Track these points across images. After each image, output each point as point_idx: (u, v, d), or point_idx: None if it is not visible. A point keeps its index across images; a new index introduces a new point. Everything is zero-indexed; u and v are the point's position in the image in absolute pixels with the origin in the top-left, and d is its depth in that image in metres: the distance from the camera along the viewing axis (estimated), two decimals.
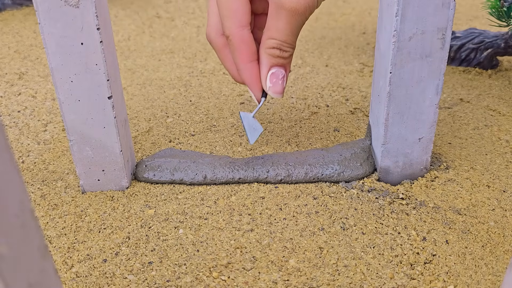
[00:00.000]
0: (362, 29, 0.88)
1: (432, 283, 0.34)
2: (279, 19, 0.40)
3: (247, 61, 0.43)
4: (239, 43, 0.42)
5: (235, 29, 0.41)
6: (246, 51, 0.42)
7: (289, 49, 0.42)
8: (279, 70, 0.43)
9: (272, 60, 0.42)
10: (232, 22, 0.41)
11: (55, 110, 0.59)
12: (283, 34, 0.41)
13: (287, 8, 0.39)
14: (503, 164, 0.47)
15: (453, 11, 0.37)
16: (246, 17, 0.41)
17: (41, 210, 0.42)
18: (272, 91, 0.43)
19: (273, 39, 0.41)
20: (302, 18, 0.40)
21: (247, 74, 0.43)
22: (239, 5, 0.41)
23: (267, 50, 0.42)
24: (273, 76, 0.43)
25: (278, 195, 0.43)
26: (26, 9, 0.97)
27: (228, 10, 0.41)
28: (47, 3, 0.35)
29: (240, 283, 0.35)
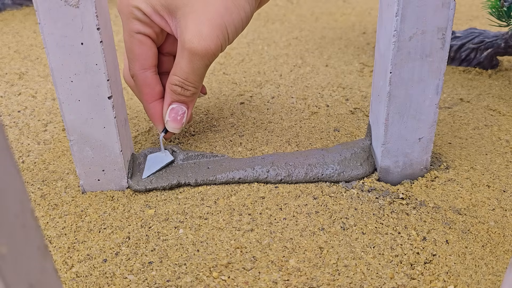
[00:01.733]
0: (362, 29, 0.88)
1: (432, 283, 0.34)
2: (182, 58, 0.42)
3: (149, 101, 0.45)
4: (141, 84, 0.45)
5: (138, 71, 0.44)
6: (148, 91, 0.45)
7: (191, 88, 0.44)
8: (180, 106, 0.45)
9: (173, 96, 0.45)
10: (135, 65, 0.44)
11: (55, 110, 0.59)
12: (184, 72, 0.43)
13: (188, 49, 0.41)
14: (503, 164, 0.47)
15: (453, 11, 0.37)
16: (149, 61, 0.44)
17: (41, 210, 0.42)
18: (169, 125, 0.46)
19: (176, 76, 0.43)
20: (204, 60, 0.42)
21: (150, 112, 0.46)
22: (143, 50, 0.43)
23: (170, 86, 0.44)
24: (172, 112, 0.45)
25: (278, 195, 0.43)
26: (26, 9, 0.97)
27: (132, 54, 0.44)
28: (47, 3, 0.35)
29: (240, 283, 0.35)
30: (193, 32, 0.40)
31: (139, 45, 0.43)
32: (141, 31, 0.43)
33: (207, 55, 0.41)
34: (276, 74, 0.68)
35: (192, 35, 0.40)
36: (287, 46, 0.80)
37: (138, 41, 0.43)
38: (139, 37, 0.43)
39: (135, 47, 0.43)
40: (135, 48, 0.43)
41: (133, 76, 0.44)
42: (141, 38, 0.43)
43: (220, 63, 0.72)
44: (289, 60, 0.74)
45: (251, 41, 0.82)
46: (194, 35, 0.40)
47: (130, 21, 0.42)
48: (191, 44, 0.41)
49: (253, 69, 0.70)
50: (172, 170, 0.45)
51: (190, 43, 0.41)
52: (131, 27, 0.43)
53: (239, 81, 0.66)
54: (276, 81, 0.66)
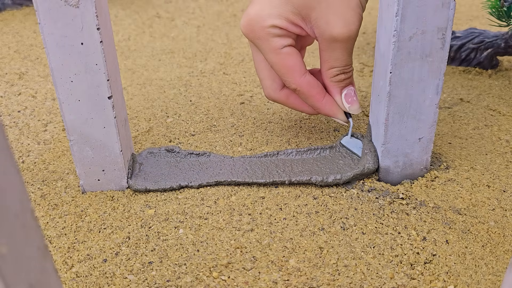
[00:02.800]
0: (362, 29, 0.88)
1: (432, 283, 0.34)
2: (335, 51, 0.44)
3: (321, 99, 0.47)
4: (308, 89, 0.46)
5: (299, 80, 0.45)
6: (317, 91, 0.46)
7: (350, 68, 0.46)
8: (349, 89, 0.47)
9: (340, 84, 0.47)
10: (294, 76, 0.45)
11: (55, 110, 0.59)
12: (343, 61, 0.45)
13: (341, 40, 0.43)
14: (503, 164, 0.47)
15: (453, 11, 0.37)
16: (303, 66, 0.46)
17: (41, 210, 0.42)
18: (352, 109, 0.47)
19: (335, 68, 0.45)
20: (355, 40, 0.44)
21: (327, 108, 0.47)
22: (294, 60, 0.45)
23: (333, 79, 0.46)
24: (347, 97, 0.47)
25: (278, 195, 0.43)
26: (26, 9, 0.98)
27: (286, 68, 0.45)
28: (47, 3, 0.35)
29: (240, 283, 0.35)
30: (339, 23, 0.42)
31: (289, 57, 0.45)
32: (285, 44, 0.44)
33: (357, 34, 0.44)
34: None
35: (340, 27, 0.42)
36: None
37: (287, 55, 0.44)
38: (286, 51, 0.44)
39: (287, 61, 0.45)
40: (287, 62, 0.45)
41: (296, 87, 0.45)
42: (288, 51, 0.44)
43: (220, 63, 0.72)
44: None
45: None
46: (342, 26, 0.42)
47: (271, 41, 0.44)
48: (344, 35, 0.43)
49: (253, 69, 0.70)
50: (174, 172, 0.45)
51: (342, 34, 0.43)
52: (274, 46, 0.44)
53: (239, 81, 0.66)
54: None
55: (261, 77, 0.49)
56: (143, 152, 0.47)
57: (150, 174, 0.44)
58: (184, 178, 0.44)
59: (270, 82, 0.48)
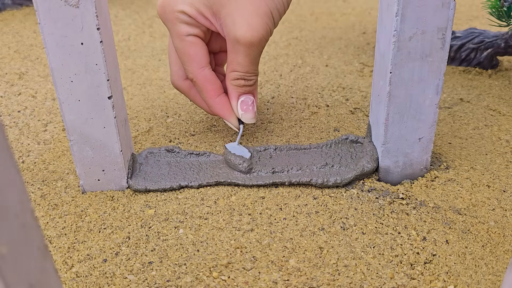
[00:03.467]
0: (362, 29, 0.88)
1: (432, 283, 0.34)
2: (238, 54, 0.44)
3: (214, 97, 0.46)
4: (203, 82, 0.45)
5: (196, 71, 0.45)
6: (212, 88, 0.46)
7: (252, 77, 0.46)
8: (247, 97, 0.47)
9: (239, 90, 0.46)
10: (192, 66, 0.45)
11: (55, 110, 0.59)
12: (244, 66, 0.44)
13: (243, 43, 0.43)
14: (503, 164, 0.47)
15: (453, 11, 0.37)
16: (204, 59, 0.45)
17: (41, 210, 0.42)
18: (245, 117, 0.47)
19: (236, 71, 0.45)
20: (259, 49, 0.44)
21: (219, 107, 0.47)
22: (196, 50, 0.45)
23: (233, 82, 0.46)
24: (243, 104, 0.46)
25: (278, 195, 0.43)
26: (26, 9, 0.98)
27: (187, 56, 0.45)
28: (47, 3, 0.35)
29: (240, 283, 0.35)
30: (243, 26, 0.42)
31: (192, 46, 0.44)
32: (190, 33, 0.44)
33: (261, 43, 0.43)
34: (276, 74, 0.68)
35: (244, 30, 0.42)
36: (287, 46, 0.80)
37: (190, 43, 0.44)
38: (190, 39, 0.44)
39: (189, 49, 0.44)
40: (189, 50, 0.45)
41: (193, 77, 0.45)
42: (192, 39, 0.44)
43: None
44: (289, 60, 0.74)
45: None
46: (246, 30, 0.42)
47: (178, 26, 0.44)
48: (246, 38, 0.42)
49: None
50: (174, 172, 0.45)
51: (244, 37, 0.42)
52: (180, 31, 0.44)
53: None
54: (276, 81, 0.66)
55: (169, 62, 0.49)
56: (143, 152, 0.47)
57: (150, 174, 0.44)
58: (184, 178, 0.44)
59: (176, 68, 0.48)
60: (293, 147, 0.48)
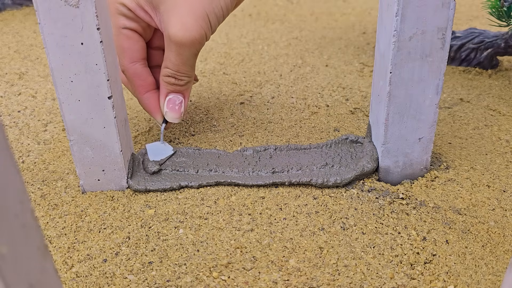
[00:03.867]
0: (362, 29, 0.88)
1: (432, 283, 0.34)
2: (171, 52, 0.44)
3: (142, 92, 0.46)
4: (132, 77, 0.46)
5: (127, 65, 0.45)
6: (140, 83, 0.46)
7: (184, 77, 0.45)
8: (176, 96, 0.46)
9: (168, 87, 0.46)
10: (124, 59, 0.45)
11: (55, 110, 0.59)
12: (175, 64, 0.44)
13: (174, 42, 0.43)
14: (503, 164, 0.47)
15: (453, 11, 0.37)
16: (137, 54, 0.45)
17: (41, 210, 0.42)
18: (168, 116, 0.46)
19: (168, 68, 0.45)
20: (191, 50, 0.43)
21: (145, 103, 0.47)
22: (130, 44, 0.45)
23: (163, 78, 0.46)
24: (169, 102, 0.46)
25: (278, 195, 0.43)
26: (26, 9, 0.98)
27: (120, 49, 0.45)
28: (47, 3, 0.35)
29: (240, 283, 0.35)
30: (177, 25, 0.42)
31: (126, 39, 0.45)
32: (127, 26, 0.44)
33: (194, 45, 0.43)
34: (276, 74, 0.68)
35: (177, 28, 0.42)
36: (287, 46, 0.80)
37: (125, 36, 0.45)
38: (125, 32, 0.45)
39: (123, 42, 0.45)
40: (123, 43, 0.45)
41: (124, 70, 0.46)
42: (127, 33, 0.45)
43: (220, 63, 0.72)
44: (289, 60, 0.74)
45: (251, 41, 0.82)
46: (178, 28, 0.42)
47: (116, 17, 0.44)
48: (177, 37, 0.42)
49: (253, 69, 0.70)
50: (174, 172, 0.45)
51: (176, 36, 0.42)
52: (117, 23, 0.44)
53: (239, 81, 0.66)
54: (276, 81, 0.66)
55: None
56: (142, 151, 0.47)
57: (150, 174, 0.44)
58: (184, 178, 0.44)
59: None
60: (293, 147, 0.48)
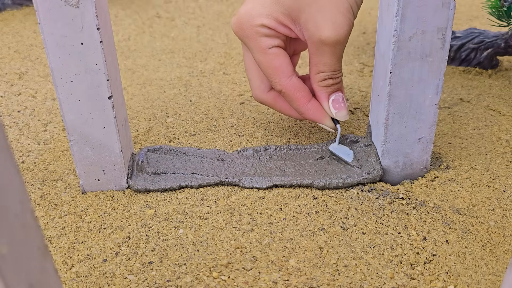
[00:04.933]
0: (362, 29, 0.88)
1: (432, 283, 0.34)
2: (323, 55, 0.43)
3: (306, 103, 0.46)
4: (293, 92, 0.45)
5: (284, 82, 0.45)
6: (302, 95, 0.45)
7: (339, 74, 0.45)
8: (337, 95, 0.46)
9: (328, 89, 0.45)
10: (280, 78, 0.45)
11: (55, 110, 0.59)
12: (331, 65, 0.44)
13: (329, 43, 0.43)
14: (503, 164, 0.47)
15: (453, 11, 0.37)
16: (290, 68, 0.45)
17: (41, 210, 0.42)
18: (339, 115, 0.46)
19: (324, 72, 0.44)
20: (344, 45, 0.44)
21: (312, 112, 0.46)
22: (281, 61, 0.44)
23: (321, 83, 0.45)
24: (334, 103, 0.46)
25: (278, 195, 0.43)
26: (26, 9, 0.98)
27: (272, 69, 0.45)
28: (47, 3, 0.35)
29: (240, 283, 0.35)
30: (328, 26, 0.42)
31: (276, 58, 0.44)
32: (272, 45, 0.44)
33: (346, 39, 0.43)
34: None
35: (329, 30, 0.42)
36: None
37: (274, 55, 0.44)
38: (273, 51, 0.44)
39: (274, 61, 0.44)
40: (274, 63, 0.44)
41: (281, 89, 0.45)
42: (275, 51, 0.44)
43: (220, 63, 0.72)
44: None
45: None
46: (331, 30, 0.42)
47: (259, 40, 0.44)
48: (331, 38, 0.42)
49: None
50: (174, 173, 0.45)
51: (330, 37, 0.42)
52: (262, 45, 0.44)
53: (239, 81, 0.66)
54: None
55: (250, 77, 0.49)
56: (142, 150, 0.47)
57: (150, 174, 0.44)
58: (184, 178, 0.44)
59: (258, 82, 0.48)
60: (293, 147, 0.48)
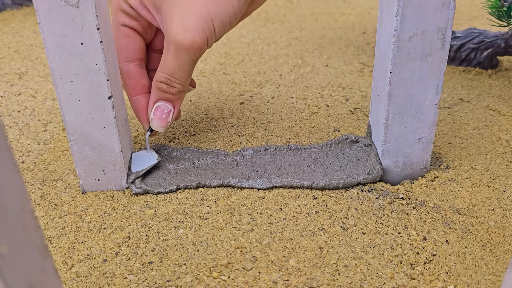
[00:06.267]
0: (362, 29, 0.88)
1: (432, 283, 0.34)
2: (168, 53, 0.41)
3: (133, 94, 0.45)
4: (125, 76, 0.44)
5: (122, 64, 0.44)
6: (132, 84, 0.45)
7: (177, 84, 0.43)
8: (165, 104, 0.44)
9: (159, 94, 0.44)
10: (120, 57, 0.44)
11: (55, 110, 0.59)
12: (170, 68, 0.42)
13: (172, 42, 0.40)
14: (503, 164, 0.47)
15: (453, 11, 0.37)
16: (133, 53, 0.44)
17: (41, 210, 0.42)
18: (154, 124, 0.45)
19: (162, 72, 0.42)
20: (190, 55, 0.41)
21: (134, 106, 0.46)
22: (127, 42, 0.44)
23: (156, 83, 0.43)
24: (157, 110, 0.44)
25: (278, 195, 0.43)
26: (26, 9, 0.97)
27: (117, 48, 0.44)
28: (47, 3, 0.35)
29: (240, 283, 0.35)
30: (178, 24, 0.40)
31: (124, 37, 0.44)
32: (126, 24, 0.43)
33: (193, 49, 0.40)
34: (276, 74, 0.68)
35: (177, 28, 0.40)
36: (287, 46, 0.80)
37: (123, 33, 0.44)
38: (124, 30, 0.44)
39: (120, 39, 0.44)
40: (120, 40, 0.44)
41: (119, 70, 0.45)
42: (126, 31, 0.44)
43: (220, 63, 0.72)
44: (289, 60, 0.74)
45: (251, 41, 0.82)
46: (179, 28, 0.40)
47: (117, 14, 0.43)
48: (177, 37, 0.40)
49: (253, 69, 0.70)
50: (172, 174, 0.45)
51: (175, 35, 0.40)
52: (117, 20, 0.44)
53: (239, 81, 0.66)
54: (276, 81, 0.66)
55: None
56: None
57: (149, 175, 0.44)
58: (183, 179, 0.44)
59: None
60: (293, 147, 0.48)
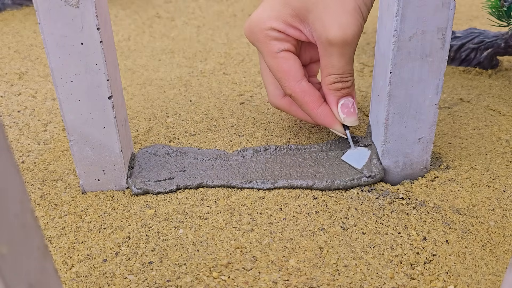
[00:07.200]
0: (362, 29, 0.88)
1: (432, 283, 0.34)
2: (332, 56, 0.43)
3: (316, 108, 0.45)
4: (302, 96, 0.45)
5: (294, 86, 0.44)
6: (311, 99, 0.45)
7: (349, 77, 0.45)
8: (347, 99, 0.45)
9: (337, 93, 0.45)
10: (289, 82, 0.44)
11: (55, 110, 0.59)
12: (339, 67, 0.43)
13: (336, 44, 0.42)
14: (503, 164, 0.47)
15: (453, 11, 0.37)
16: (299, 72, 0.44)
17: (41, 210, 0.42)
18: (347, 121, 0.45)
19: (332, 74, 0.44)
20: (352, 47, 0.43)
21: (322, 118, 0.46)
22: (290, 65, 0.44)
23: (330, 87, 0.44)
24: (343, 108, 0.45)
25: (278, 195, 0.43)
26: (26, 9, 0.97)
27: (282, 73, 0.44)
28: (47, 3, 0.35)
29: (240, 283, 0.35)
30: (334, 26, 0.41)
31: (285, 62, 0.44)
32: (282, 49, 0.44)
33: (354, 41, 0.42)
34: None
35: (336, 30, 0.41)
36: None
37: (283, 59, 0.44)
38: (282, 55, 0.44)
39: (283, 65, 0.44)
40: (283, 66, 0.44)
41: (291, 93, 0.45)
42: (284, 55, 0.44)
43: (220, 63, 0.72)
44: None
45: None
46: (337, 29, 0.41)
47: (269, 44, 0.44)
48: (337, 38, 0.41)
49: (253, 69, 0.70)
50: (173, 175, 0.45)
51: (336, 37, 0.41)
52: (271, 49, 0.44)
53: (239, 81, 0.66)
54: None
55: (265, 83, 0.49)
56: (142, 150, 0.47)
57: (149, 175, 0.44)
58: (183, 179, 0.44)
59: (273, 88, 0.48)
60: (293, 147, 0.48)
